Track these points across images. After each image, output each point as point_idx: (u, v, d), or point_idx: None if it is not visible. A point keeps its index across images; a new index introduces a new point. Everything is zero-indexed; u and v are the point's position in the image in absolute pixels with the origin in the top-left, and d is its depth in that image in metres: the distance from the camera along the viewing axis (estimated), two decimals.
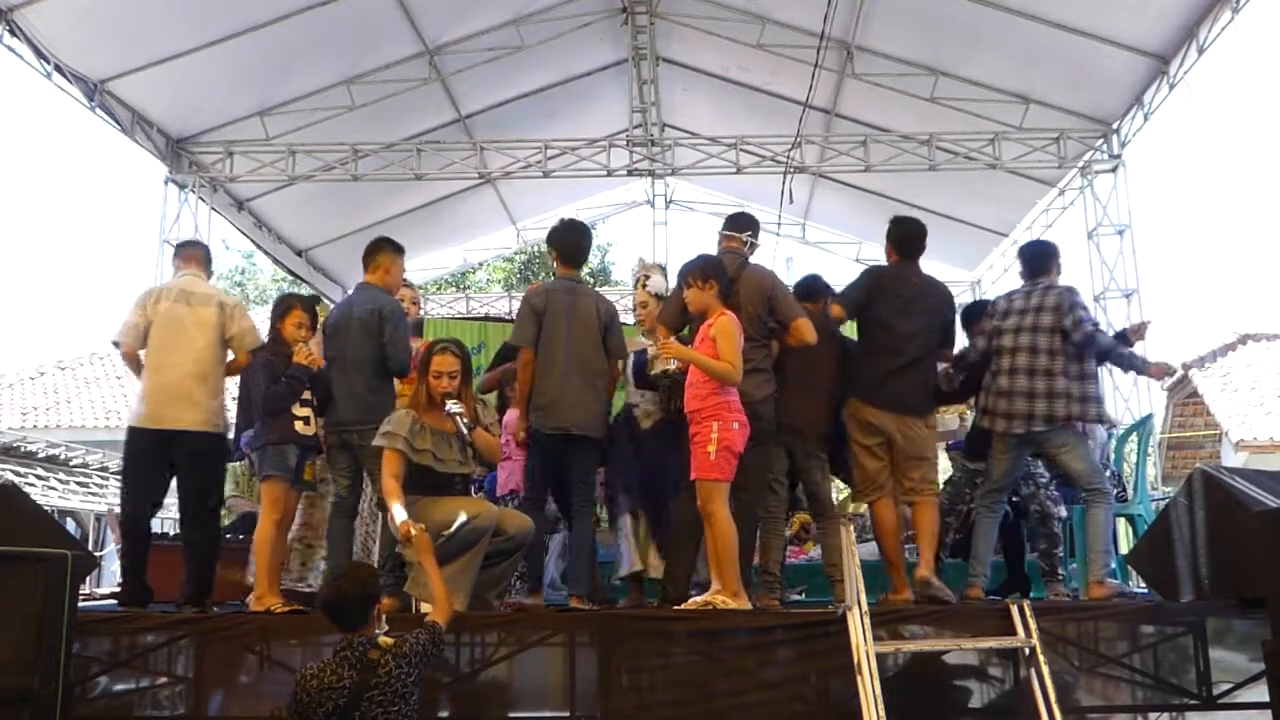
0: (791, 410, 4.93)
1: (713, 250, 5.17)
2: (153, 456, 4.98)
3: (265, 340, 5.15)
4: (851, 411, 5.02)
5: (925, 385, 5.08)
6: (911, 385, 4.97)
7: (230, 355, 5.14)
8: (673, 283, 5.12)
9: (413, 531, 4.05)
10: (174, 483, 5.10)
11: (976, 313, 5.46)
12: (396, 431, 4.46)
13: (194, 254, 5.34)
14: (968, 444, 5.57)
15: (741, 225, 5.19)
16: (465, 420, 4.52)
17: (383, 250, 5.21)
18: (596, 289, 6.39)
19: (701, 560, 4.76)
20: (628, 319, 5.93)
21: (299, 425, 4.90)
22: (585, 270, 5.63)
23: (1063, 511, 5.48)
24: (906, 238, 5.20)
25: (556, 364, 4.88)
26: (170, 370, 4.95)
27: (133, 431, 5.03)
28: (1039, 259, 5.18)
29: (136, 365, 5.10)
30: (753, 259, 5.13)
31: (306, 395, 4.95)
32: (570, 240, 5.21)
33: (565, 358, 4.87)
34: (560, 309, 4.92)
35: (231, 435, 5.51)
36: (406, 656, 3.43)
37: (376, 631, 3.51)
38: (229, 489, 5.82)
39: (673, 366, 4.57)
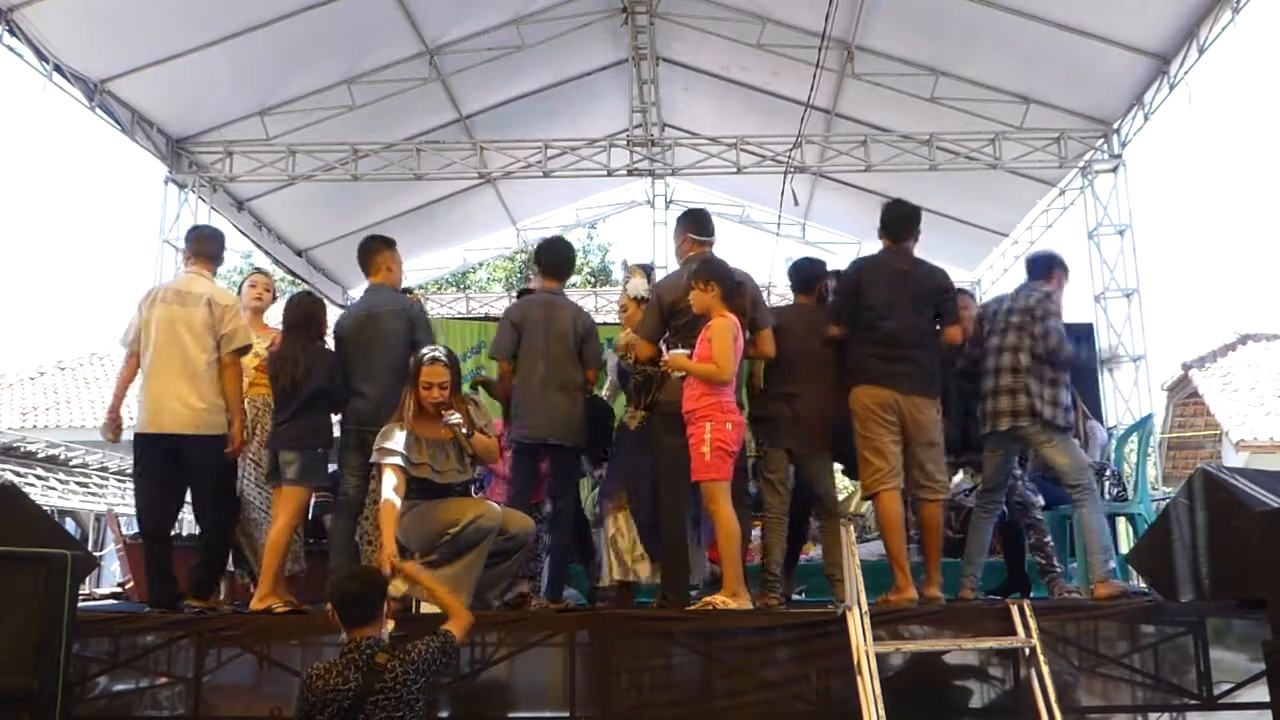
0: (792, 408, 4.93)
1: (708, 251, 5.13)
2: (157, 459, 4.93)
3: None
4: (861, 399, 4.84)
5: (927, 369, 4.94)
6: (911, 369, 4.86)
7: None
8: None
9: (398, 566, 4.03)
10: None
11: None
12: (393, 448, 4.41)
13: (195, 249, 5.24)
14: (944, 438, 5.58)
15: (707, 228, 5.15)
16: (464, 429, 4.52)
17: (379, 250, 5.28)
18: (596, 288, 6.41)
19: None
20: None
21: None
22: (586, 270, 5.67)
23: (1041, 499, 5.53)
24: (894, 219, 5.12)
25: (533, 375, 4.96)
26: (162, 373, 4.90)
27: (135, 437, 4.99)
28: (1036, 264, 5.35)
29: (133, 368, 5.05)
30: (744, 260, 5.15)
31: None
32: (552, 254, 5.37)
33: (542, 369, 4.95)
34: (537, 321, 5.01)
35: None
36: (414, 663, 3.39)
37: (382, 631, 3.49)
38: None
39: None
